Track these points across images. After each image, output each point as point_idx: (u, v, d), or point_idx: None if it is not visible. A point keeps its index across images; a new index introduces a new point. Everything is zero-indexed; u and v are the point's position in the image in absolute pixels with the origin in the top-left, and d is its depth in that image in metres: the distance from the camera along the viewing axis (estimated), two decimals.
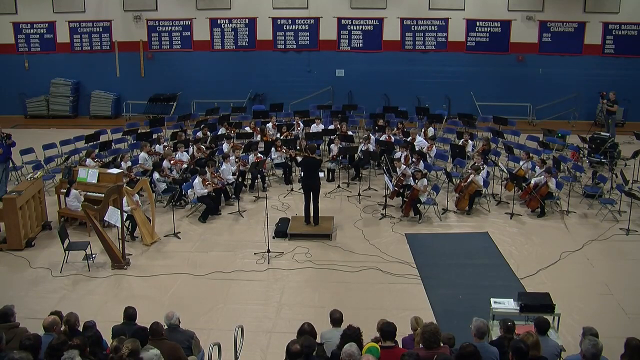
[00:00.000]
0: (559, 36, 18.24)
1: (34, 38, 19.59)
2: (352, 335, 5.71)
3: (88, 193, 11.45)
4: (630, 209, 11.32)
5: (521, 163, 12.93)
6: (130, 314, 6.63)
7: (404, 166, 12.21)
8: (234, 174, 12.80)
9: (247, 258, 10.18)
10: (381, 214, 11.96)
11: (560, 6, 18.00)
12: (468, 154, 14.03)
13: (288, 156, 13.82)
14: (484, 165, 12.50)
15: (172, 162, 12.94)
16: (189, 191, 12.17)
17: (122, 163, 12.68)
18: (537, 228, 11.33)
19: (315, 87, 19.02)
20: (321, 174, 11.41)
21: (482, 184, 12.01)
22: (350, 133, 15.34)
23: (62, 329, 6.20)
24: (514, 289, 8.43)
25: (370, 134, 14.69)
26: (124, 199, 10.32)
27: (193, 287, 9.29)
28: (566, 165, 13.64)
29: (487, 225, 11.46)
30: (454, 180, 12.93)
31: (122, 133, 15.96)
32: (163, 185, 12.39)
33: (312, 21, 18.91)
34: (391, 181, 11.99)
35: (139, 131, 15.80)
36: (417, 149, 13.65)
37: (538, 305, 7.18)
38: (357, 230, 11.30)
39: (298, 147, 13.97)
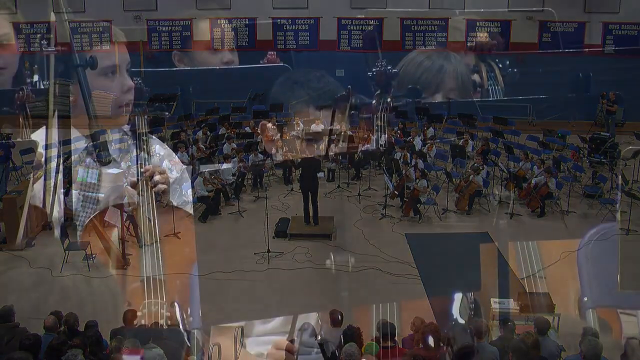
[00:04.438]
0: (559, 36, 18.22)
1: (34, 38, 19.58)
2: (352, 335, 5.71)
3: (88, 193, 11.42)
4: (630, 209, 11.32)
5: (521, 164, 12.92)
6: (128, 318, 6.60)
7: (411, 169, 12.18)
8: (233, 175, 12.78)
9: (247, 258, 10.17)
10: (381, 214, 11.95)
11: (560, 6, 17.98)
12: (468, 154, 14.02)
13: (287, 159, 13.77)
14: (484, 165, 12.49)
15: (171, 162, 12.91)
16: (189, 191, 12.16)
17: (122, 163, 12.66)
18: (537, 228, 11.33)
19: None
20: (321, 174, 11.42)
21: (482, 184, 12.01)
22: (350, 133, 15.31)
23: (61, 329, 6.19)
24: (514, 289, 8.42)
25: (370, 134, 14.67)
26: (125, 198, 10.32)
27: (193, 287, 9.28)
28: (566, 165, 13.63)
29: (487, 225, 11.45)
30: (454, 180, 12.92)
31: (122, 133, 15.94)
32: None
33: (312, 21, 18.88)
34: (391, 181, 11.99)
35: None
36: (417, 149, 13.65)
37: (538, 305, 7.17)
38: (357, 230, 11.30)
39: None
